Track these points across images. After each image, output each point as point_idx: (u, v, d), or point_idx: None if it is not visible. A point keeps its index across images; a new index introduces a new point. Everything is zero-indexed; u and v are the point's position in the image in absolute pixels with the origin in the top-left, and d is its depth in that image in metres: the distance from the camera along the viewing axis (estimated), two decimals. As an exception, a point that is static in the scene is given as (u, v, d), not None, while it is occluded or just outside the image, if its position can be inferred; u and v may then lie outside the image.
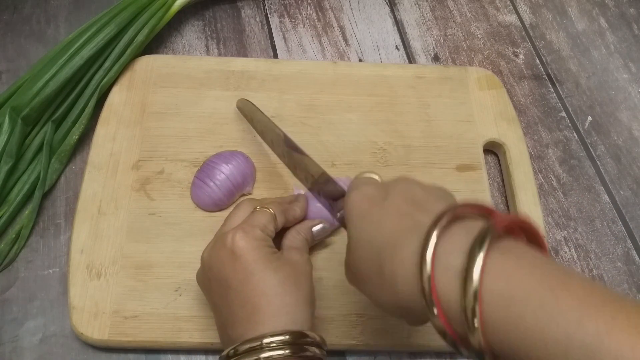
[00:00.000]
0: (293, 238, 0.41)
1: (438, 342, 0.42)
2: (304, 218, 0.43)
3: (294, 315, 0.34)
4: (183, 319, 0.42)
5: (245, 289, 0.34)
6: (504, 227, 0.25)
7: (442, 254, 0.25)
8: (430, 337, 0.42)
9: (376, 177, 0.35)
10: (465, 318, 0.23)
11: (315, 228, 0.42)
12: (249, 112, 0.49)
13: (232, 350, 0.33)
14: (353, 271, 0.32)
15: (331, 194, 0.40)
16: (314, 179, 0.42)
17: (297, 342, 0.32)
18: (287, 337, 0.32)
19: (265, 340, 0.32)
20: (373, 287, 0.29)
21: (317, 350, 0.33)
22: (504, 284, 0.23)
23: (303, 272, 0.37)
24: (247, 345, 0.32)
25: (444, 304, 0.24)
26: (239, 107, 0.51)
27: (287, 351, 0.32)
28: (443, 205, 0.28)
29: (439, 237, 0.25)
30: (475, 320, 0.23)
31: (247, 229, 0.36)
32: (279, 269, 0.35)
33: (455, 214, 0.26)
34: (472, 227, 0.25)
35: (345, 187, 0.45)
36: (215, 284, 0.36)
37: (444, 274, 0.24)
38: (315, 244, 0.44)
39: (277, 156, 0.46)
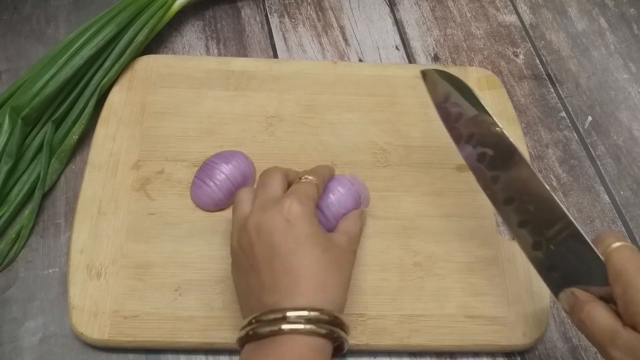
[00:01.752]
0: (353, 225, 0.41)
1: (438, 342, 0.42)
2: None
3: (333, 295, 0.34)
4: (183, 319, 0.42)
5: (293, 258, 0.34)
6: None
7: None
8: (430, 337, 0.42)
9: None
10: None
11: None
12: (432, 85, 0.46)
13: (273, 315, 0.33)
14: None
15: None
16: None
17: (333, 322, 0.33)
18: (324, 315, 0.33)
19: (301, 314, 0.32)
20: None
21: (343, 334, 0.34)
22: None
23: (348, 260, 0.38)
24: (286, 313, 0.33)
25: None
26: (423, 74, 0.47)
27: (318, 328, 0.32)
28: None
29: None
30: None
31: (303, 200, 0.37)
32: (328, 250, 0.36)
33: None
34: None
35: (349, 185, 0.44)
36: (259, 248, 0.36)
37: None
38: None
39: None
